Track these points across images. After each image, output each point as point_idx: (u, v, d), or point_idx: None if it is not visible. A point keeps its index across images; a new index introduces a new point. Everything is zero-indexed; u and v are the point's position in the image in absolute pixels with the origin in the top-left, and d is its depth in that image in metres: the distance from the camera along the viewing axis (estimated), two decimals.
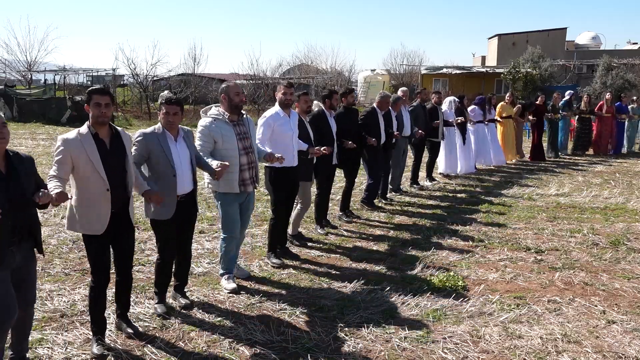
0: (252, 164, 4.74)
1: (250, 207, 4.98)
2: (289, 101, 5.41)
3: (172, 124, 4.09)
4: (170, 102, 4.08)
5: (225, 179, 4.53)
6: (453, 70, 34.15)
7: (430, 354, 3.72)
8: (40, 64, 33.98)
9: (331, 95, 6.52)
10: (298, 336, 3.95)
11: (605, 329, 4.09)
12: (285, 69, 35.85)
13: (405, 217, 7.48)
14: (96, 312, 3.72)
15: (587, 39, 39.41)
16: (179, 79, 29.40)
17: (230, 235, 4.79)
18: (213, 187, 4.74)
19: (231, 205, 4.73)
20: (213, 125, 4.55)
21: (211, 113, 4.65)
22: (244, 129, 4.70)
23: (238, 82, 4.88)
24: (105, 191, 3.51)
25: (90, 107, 3.50)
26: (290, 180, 5.46)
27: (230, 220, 4.77)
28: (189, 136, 4.28)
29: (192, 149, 4.26)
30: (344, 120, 6.79)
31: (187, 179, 4.18)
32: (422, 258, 5.68)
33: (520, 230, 6.82)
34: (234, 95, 4.59)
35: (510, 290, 4.85)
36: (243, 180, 4.67)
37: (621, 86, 27.54)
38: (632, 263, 5.59)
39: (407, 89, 9.14)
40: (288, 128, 5.37)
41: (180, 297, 4.47)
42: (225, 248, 4.81)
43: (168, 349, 3.74)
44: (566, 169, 11.66)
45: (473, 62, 44.35)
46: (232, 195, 4.70)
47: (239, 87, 4.69)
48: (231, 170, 4.51)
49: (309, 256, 5.78)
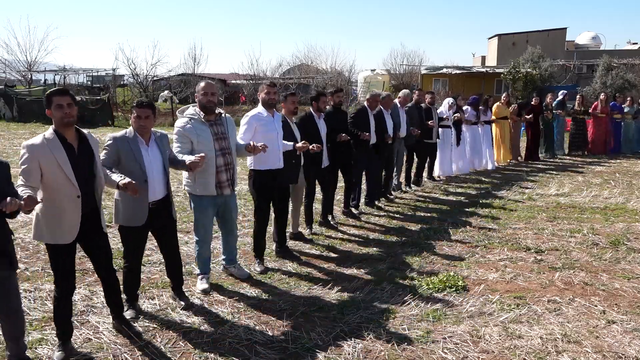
0: (229, 166, 4.59)
1: (233, 210, 4.85)
2: (273, 101, 5.24)
3: (143, 127, 3.94)
4: (142, 106, 3.95)
5: (202, 181, 4.43)
6: (453, 70, 34.16)
7: (430, 354, 3.72)
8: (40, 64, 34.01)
9: (318, 98, 6.32)
10: (298, 336, 3.94)
11: (605, 329, 4.09)
12: (285, 69, 35.88)
13: (405, 217, 7.48)
14: (61, 319, 3.61)
15: (587, 39, 39.42)
16: (179, 79, 29.45)
17: (202, 239, 4.71)
18: (189, 190, 4.62)
19: (205, 209, 4.61)
20: (188, 125, 4.41)
21: (187, 113, 4.52)
22: (222, 129, 4.54)
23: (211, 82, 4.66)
24: (75, 198, 3.39)
25: (52, 110, 3.36)
26: (275, 183, 5.30)
27: (202, 225, 4.67)
28: (162, 140, 4.12)
29: (165, 154, 4.11)
30: (333, 120, 6.60)
31: (159, 185, 4.03)
32: (422, 258, 5.68)
33: (520, 230, 6.82)
34: (201, 95, 4.46)
35: (510, 290, 4.85)
36: (220, 183, 4.54)
37: (621, 86, 27.55)
38: (632, 263, 5.59)
39: (408, 91, 9.04)
40: (272, 128, 5.21)
41: (179, 299, 4.44)
42: (198, 251, 4.76)
43: (168, 349, 3.74)
44: (566, 169, 11.66)
45: (473, 62, 44.35)
46: (207, 199, 4.57)
47: (211, 87, 4.53)
48: (208, 171, 4.41)
49: (309, 256, 5.78)
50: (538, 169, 11.74)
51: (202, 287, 4.74)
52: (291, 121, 5.75)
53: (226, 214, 4.79)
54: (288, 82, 28.62)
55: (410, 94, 8.94)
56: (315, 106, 6.30)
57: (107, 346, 3.75)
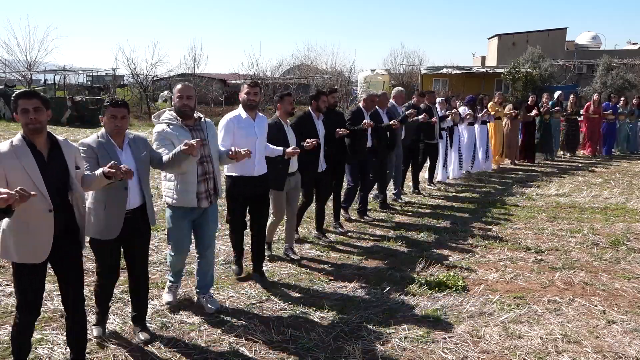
0: (208, 175, 4.17)
1: (211, 224, 4.34)
2: (253, 102, 4.81)
3: (119, 129, 3.57)
4: (117, 104, 3.58)
5: (181, 191, 4.08)
6: (453, 70, 34.17)
7: (430, 354, 3.72)
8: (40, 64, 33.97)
9: (318, 97, 5.98)
10: (298, 336, 3.94)
11: (605, 329, 4.09)
12: (285, 69, 35.86)
13: (405, 217, 7.48)
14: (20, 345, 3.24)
15: (587, 39, 39.41)
16: (179, 79, 29.40)
17: (176, 252, 4.30)
18: (168, 200, 4.20)
19: (179, 221, 4.19)
20: (168, 130, 4.05)
21: (164, 118, 4.14)
22: (202, 135, 4.12)
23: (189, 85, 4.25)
24: (47, 212, 3.01)
25: (18, 115, 3.04)
26: (252, 190, 4.88)
27: (176, 238, 4.25)
28: (137, 143, 3.73)
29: (141, 158, 3.71)
30: (328, 121, 6.20)
31: (135, 192, 3.66)
32: (422, 258, 5.68)
33: (520, 230, 6.82)
34: (175, 98, 4.11)
35: (510, 290, 4.85)
36: (198, 194, 4.12)
37: (621, 86, 27.55)
38: (632, 263, 5.59)
39: (402, 89, 8.78)
40: (251, 132, 4.79)
41: (140, 332, 3.86)
42: (171, 262, 4.41)
43: (168, 349, 3.74)
44: (566, 169, 11.66)
45: (473, 62, 44.35)
46: (183, 210, 4.16)
47: (188, 90, 4.13)
48: (188, 180, 4.06)
49: (309, 256, 5.78)
50: (538, 169, 11.74)
51: (167, 298, 4.42)
52: (286, 124, 5.44)
53: (202, 229, 4.29)
54: (288, 82, 28.61)
55: (403, 91, 8.66)
56: (315, 105, 5.97)
57: (107, 346, 3.75)
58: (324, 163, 6.11)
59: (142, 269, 3.88)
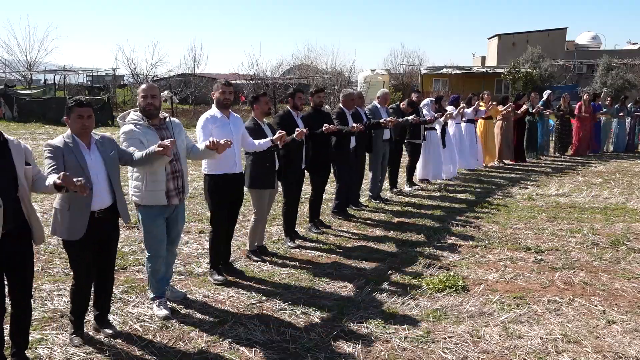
0: (177, 173, 4.17)
1: (180, 221, 4.41)
2: (227, 101, 4.87)
3: (87, 128, 3.56)
4: (83, 104, 3.56)
5: (151, 189, 4.06)
6: (453, 70, 34.22)
7: (430, 354, 3.72)
8: (40, 64, 34.05)
9: (294, 94, 5.99)
10: (298, 336, 3.94)
11: (605, 329, 4.09)
12: (285, 69, 35.89)
13: (405, 217, 7.48)
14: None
15: (587, 39, 39.45)
16: (179, 79, 29.44)
17: (155, 254, 4.24)
18: (136, 200, 4.17)
19: (155, 220, 4.17)
20: (135, 130, 4.02)
21: (130, 119, 4.11)
22: (168, 134, 4.12)
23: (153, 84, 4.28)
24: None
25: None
26: (232, 189, 4.92)
27: (154, 237, 4.21)
28: (104, 142, 3.72)
29: (110, 157, 3.70)
30: (314, 121, 6.17)
31: (104, 192, 3.64)
32: (422, 258, 5.68)
33: (520, 230, 6.82)
34: (140, 97, 4.08)
35: (510, 290, 4.85)
36: (167, 192, 4.11)
37: (621, 86, 27.58)
38: (632, 263, 5.59)
39: (386, 90, 8.69)
40: (227, 131, 4.79)
41: (102, 328, 3.92)
42: (151, 268, 4.27)
43: (168, 349, 3.74)
44: (566, 169, 11.66)
45: (473, 62, 44.38)
46: (156, 209, 4.14)
47: (152, 89, 4.13)
48: (157, 179, 4.05)
49: (309, 256, 5.78)
50: (538, 168, 11.73)
51: (162, 313, 4.22)
52: (262, 123, 5.43)
53: (171, 226, 4.32)
54: (288, 82, 28.61)
55: (388, 93, 8.53)
56: (292, 103, 6.00)
57: (107, 346, 3.75)
58: (305, 161, 6.12)
59: (109, 270, 3.92)
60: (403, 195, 8.82)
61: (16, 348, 3.44)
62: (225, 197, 4.91)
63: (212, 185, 4.88)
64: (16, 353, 3.45)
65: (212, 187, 4.88)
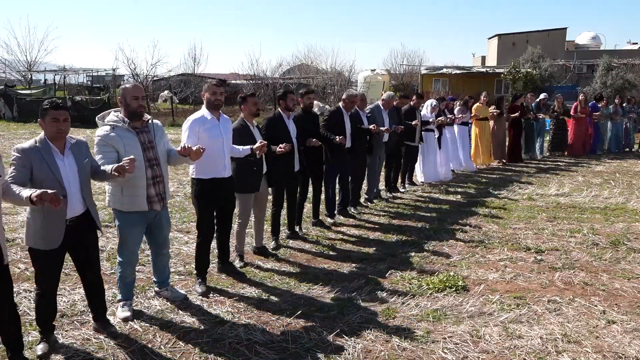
0: (158, 178, 4.04)
1: (165, 227, 4.31)
2: (219, 102, 4.68)
3: (62, 132, 3.43)
4: (58, 107, 3.43)
5: (130, 195, 3.94)
6: (453, 70, 34.19)
7: (430, 354, 3.72)
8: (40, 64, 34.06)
9: (285, 96, 5.81)
10: (298, 336, 3.95)
11: (605, 329, 4.09)
12: (285, 69, 35.91)
13: (405, 218, 7.47)
14: None
15: (587, 39, 39.45)
16: (179, 79, 29.46)
17: (127, 260, 4.16)
18: (114, 205, 4.05)
19: (133, 226, 4.07)
20: (112, 134, 3.87)
21: (109, 120, 3.94)
22: (149, 137, 4.00)
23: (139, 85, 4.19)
24: None
25: None
26: (221, 193, 4.75)
27: (128, 245, 4.12)
28: (79, 148, 3.60)
29: (83, 164, 3.58)
30: (303, 123, 6.11)
31: (77, 199, 3.54)
32: (422, 258, 5.68)
33: (520, 230, 6.82)
34: (130, 99, 3.92)
35: (510, 290, 4.85)
36: (149, 197, 4.00)
37: (621, 86, 27.57)
38: (632, 263, 5.59)
39: (392, 93, 8.61)
40: (217, 133, 4.64)
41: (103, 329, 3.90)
42: (121, 274, 4.19)
43: (168, 349, 3.74)
44: (566, 169, 11.66)
45: (473, 62, 44.39)
46: (136, 215, 4.03)
47: (139, 90, 4.03)
48: (138, 184, 3.92)
49: (309, 256, 5.78)
50: (537, 169, 11.73)
51: (124, 314, 4.13)
52: (252, 124, 5.30)
53: (156, 232, 4.25)
54: (288, 82, 28.62)
55: (394, 97, 8.48)
56: (283, 105, 5.84)
57: (107, 346, 3.75)
58: (297, 164, 6.01)
59: (94, 275, 3.87)
60: (403, 196, 8.81)
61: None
62: (213, 202, 4.76)
63: (199, 190, 4.72)
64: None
65: (199, 191, 4.72)
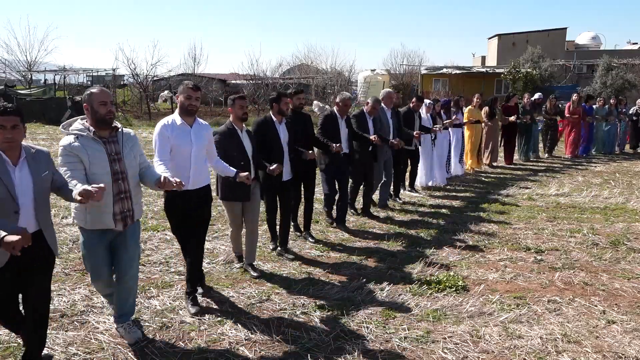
0: (123, 194, 3.61)
1: (131, 247, 3.75)
2: (193, 108, 4.19)
3: (12, 142, 3.01)
4: (6, 112, 2.99)
5: (94, 211, 3.54)
6: (453, 70, 34.21)
7: (430, 354, 3.72)
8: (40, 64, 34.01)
9: (279, 99, 5.44)
10: (298, 336, 3.95)
11: (605, 329, 4.09)
12: (285, 69, 35.93)
13: (405, 218, 7.48)
14: None
15: (587, 39, 39.47)
16: (179, 79, 29.42)
17: (98, 278, 3.80)
18: (79, 222, 3.67)
19: (95, 245, 3.65)
20: (76, 144, 3.46)
21: (74, 128, 3.53)
22: (117, 148, 3.59)
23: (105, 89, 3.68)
24: None
25: None
26: (188, 206, 4.25)
27: (93, 264, 3.72)
28: (38, 159, 3.17)
29: (40, 177, 3.15)
30: (295, 125, 5.78)
31: (30, 216, 3.10)
32: (422, 258, 5.68)
33: (520, 230, 6.82)
34: (98, 105, 3.50)
35: (510, 290, 4.85)
36: (113, 215, 3.60)
37: (621, 86, 27.59)
38: (632, 263, 5.59)
39: (391, 90, 8.28)
40: (186, 141, 4.16)
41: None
42: (99, 292, 3.96)
43: (168, 349, 3.74)
44: (566, 169, 11.66)
45: (473, 62, 44.39)
46: (98, 233, 3.63)
47: (107, 95, 3.58)
48: (104, 200, 3.42)
49: (309, 256, 5.78)
50: (536, 169, 11.73)
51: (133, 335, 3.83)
52: (240, 129, 4.94)
53: (119, 253, 3.74)
54: (288, 82, 28.62)
55: (392, 92, 8.04)
56: (276, 108, 5.46)
57: (107, 346, 3.76)
58: (288, 172, 5.62)
59: (40, 306, 3.29)
60: (402, 197, 8.80)
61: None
62: (184, 217, 4.30)
63: (165, 203, 4.35)
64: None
65: (165, 204, 4.36)
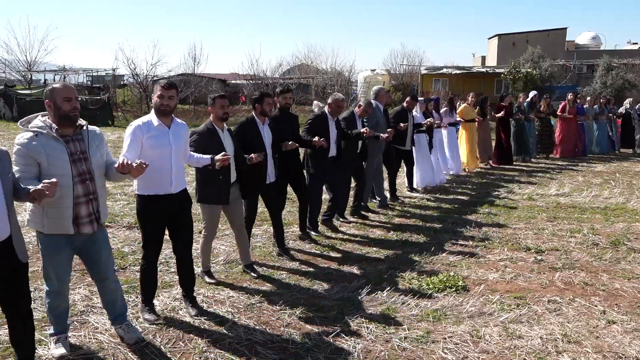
0: (91, 196, 3.42)
1: (102, 250, 3.62)
2: (167, 108, 3.95)
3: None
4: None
5: (53, 215, 3.32)
6: (453, 70, 34.22)
7: (430, 354, 3.72)
8: (40, 64, 34.07)
9: (262, 99, 5.30)
10: (298, 336, 3.94)
11: (605, 329, 4.09)
12: (285, 69, 35.94)
13: (405, 218, 7.48)
14: None
15: (587, 39, 39.49)
16: (179, 79, 29.43)
17: (54, 290, 3.56)
18: (35, 226, 3.44)
19: (58, 252, 3.44)
20: (34, 142, 3.24)
21: (33, 125, 3.32)
22: (82, 147, 3.38)
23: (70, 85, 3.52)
24: None
25: None
26: (167, 211, 4.06)
27: (53, 272, 3.49)
28: (2, 158, 3.00)
29: (6, 178, 2.98)
30: (281, 125, 5.66)
31: (3, 222, 2.96)
32: (422, 258, 5.68)
33: (520, 230, 6.82)
34: (61, 101, 3.28)
35: (510, 290, 4.85)
36: (77, 218, 3.38)
37: (621, 86, 27.61)
38: (632, 263, 5.59)
39: (384, 87, 8.14)
40: (164, 142, 3.95)
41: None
42: (50, 304, 3.61)
43: (168, 349, 3.74)
44: (566, 169, 11.66)
45: (473, 62, 44.40)
46: (60, 238, 3.40)
47: (72, 91, 3.36)
48: (63, 203, 3.29)
49: (309, 256, 5.78)
50: (537, 169, 11.73)
51: (59, 352, 3.56)
52: (220, 129, 4.75)
53: (92, 257, 3.60)
54: (288, 82, 28.63)
55: (384, 89, 7.94)
56: (259, 109, 5.32)
57: (107, 346, 3.76)
58: (272, 174, 5.51)
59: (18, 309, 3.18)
60: (402, 197, 8.81)
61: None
62: (158, 221, 4.09)
63: (141, 207, 4.07)
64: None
65: (141, 209, 4.08)
